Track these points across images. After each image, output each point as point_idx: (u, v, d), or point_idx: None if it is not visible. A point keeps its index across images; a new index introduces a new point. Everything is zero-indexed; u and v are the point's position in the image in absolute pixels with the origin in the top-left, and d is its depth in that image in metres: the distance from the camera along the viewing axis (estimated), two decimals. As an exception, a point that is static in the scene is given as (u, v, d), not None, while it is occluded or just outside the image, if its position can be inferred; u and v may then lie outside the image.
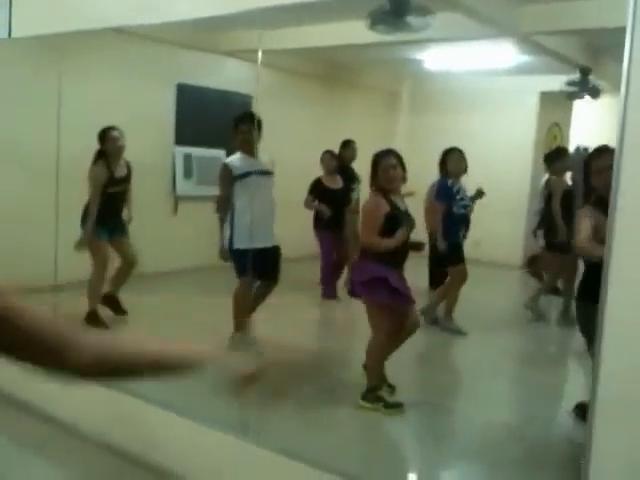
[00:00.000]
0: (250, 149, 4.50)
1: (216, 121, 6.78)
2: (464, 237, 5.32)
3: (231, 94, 7.43)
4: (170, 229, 6.69)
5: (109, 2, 3.41)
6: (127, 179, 5.12)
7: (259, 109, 7.57)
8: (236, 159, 4.55)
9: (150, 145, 6.47)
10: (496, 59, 6.98)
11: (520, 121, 8.06)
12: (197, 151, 7.20)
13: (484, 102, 7.93)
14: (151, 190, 6.36)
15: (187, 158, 7.17)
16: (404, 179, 3.67)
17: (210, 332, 4.60)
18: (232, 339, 4.42)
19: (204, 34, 6.90)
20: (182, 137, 7.13)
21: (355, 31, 5.72)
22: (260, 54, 4.16)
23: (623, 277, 2.08)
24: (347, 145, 6.57)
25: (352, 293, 3.76)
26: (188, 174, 7.27)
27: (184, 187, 7.17)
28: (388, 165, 3.60)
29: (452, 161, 5.25)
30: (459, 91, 8.03)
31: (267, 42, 6.82)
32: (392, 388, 3.85)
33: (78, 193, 4.89)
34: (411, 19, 4.21)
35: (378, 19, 4.32)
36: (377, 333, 3.65)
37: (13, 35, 3.86)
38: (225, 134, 5.10)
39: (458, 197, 5.22)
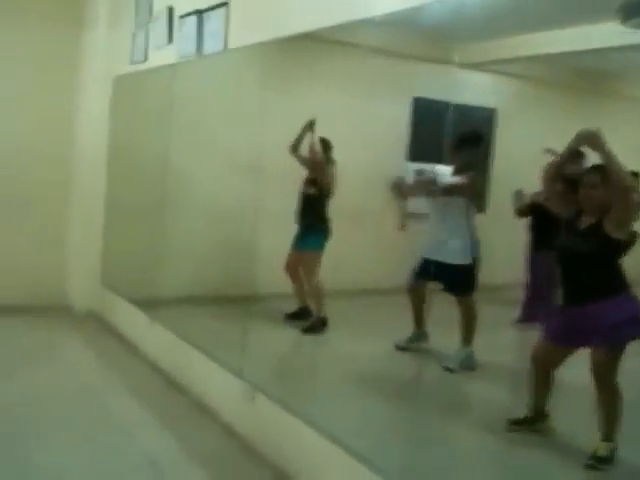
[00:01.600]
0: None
1: (454, 136, 6.52)
2: None
3: (471, 108, 7.12)
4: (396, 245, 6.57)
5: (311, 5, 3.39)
6: None
7: (503, 123, 7.29)
8: None
9: (381, 160, 6.41)
10: None
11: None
12: (430, 167, 6.98)
13: None
14: (377, 205, 6.28)
15: (419, 174, 6.99)
16: None
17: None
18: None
19: (441, 46, 6.71)
20: (416, 153, 6.95)
21: (607, 32, 5.14)
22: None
23: None
24: None
25: None
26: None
27: (412, 204, 7.00)
28: None
29: None
30: None
31: (506, 50, 6.50)
32: None
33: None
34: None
35: (633, 11, 3.70)
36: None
37: (229, 46, 4.04)
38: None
39: None
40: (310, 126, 5.19)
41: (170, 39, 5.02)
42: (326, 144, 5.20)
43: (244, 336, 4.15)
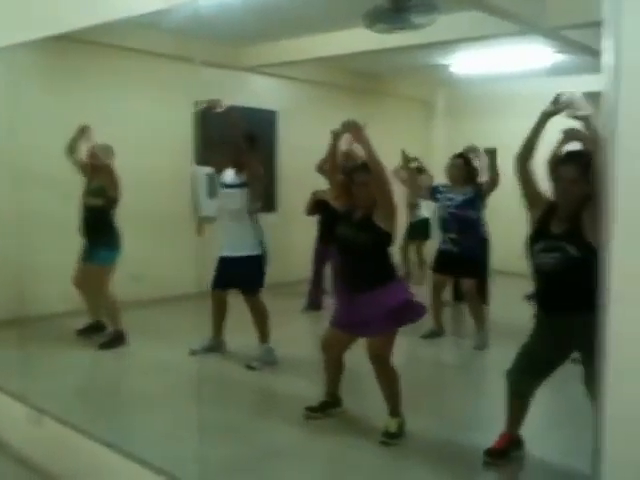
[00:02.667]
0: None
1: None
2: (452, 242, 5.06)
3: (254, 111, 7.23)
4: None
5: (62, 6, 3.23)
6: None
7: (285, 124, 7.49)
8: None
9: (168, 165, 6.29)
10: (531, 60, 6.55)
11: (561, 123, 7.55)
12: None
13: (521, 105, 7.48)
14: (171, 211, 6.15)
15: (210, 178, 6.96)
16: None
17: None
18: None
19: (224, 50, 6.75)
20: (205, 157, 6.90)
21: (372, 37, 5.48)
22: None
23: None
24: None
25: None
26: (212, 194, 7.05)
27: (208, 207, 6.95)
28: None
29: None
30: (494, 96, 7.62)
31: (286, 54, 6.70)
32: None
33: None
34: (412, 16, 3.90)
35: (376, 18, 4.01)
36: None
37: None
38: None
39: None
40: (82, 132, 4.91)
41: None
42: (108, 150, 4.93)
43: (27, 360, 3.87)
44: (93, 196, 4.85)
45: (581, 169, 2.73)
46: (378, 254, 3.40)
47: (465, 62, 6.93)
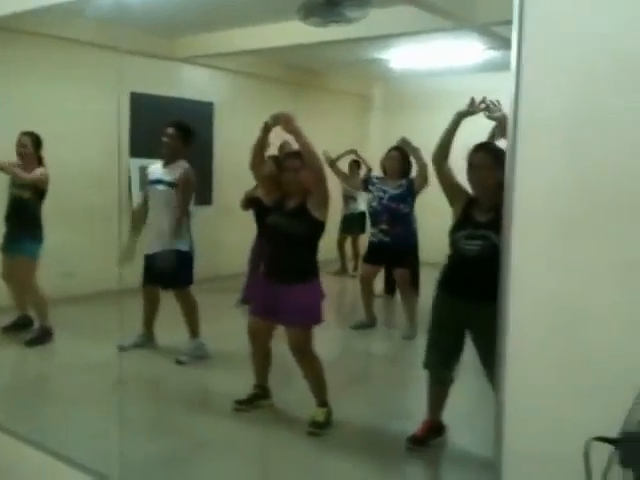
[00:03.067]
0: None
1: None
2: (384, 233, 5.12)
3: (190, 102, 7.15)
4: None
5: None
6: None
7: (221, 116, 7.43)
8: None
9: (96, 157, 6.16)
10: (464, 56, 6.68)
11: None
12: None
13: (454, 101, 7.62)
14: (99, 203, 6.05)
15: (143, 170, 6.85)
16: None
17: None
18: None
19: (157, 40, 6.65)
20: (138, 149, 6.79)
21: (307, 30, 5.48)
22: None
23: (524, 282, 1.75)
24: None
25: None
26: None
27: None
28: None
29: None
30: (429, 91, 7.73)
31: (222, 45, 6.64)
32: None
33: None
34: (346, 9, 3.92)
35: (310, 11, 4.03)
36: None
37: None
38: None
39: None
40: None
41: None
42: (36, 140, 4.78)
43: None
44: (20, 188, 4.70)
45: (493, 157, 2.84)
46: (308, 246, 3.42)
47: (402, 57, 7.01)
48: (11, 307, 4.96)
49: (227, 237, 6.78)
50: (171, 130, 4.52)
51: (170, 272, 4.47)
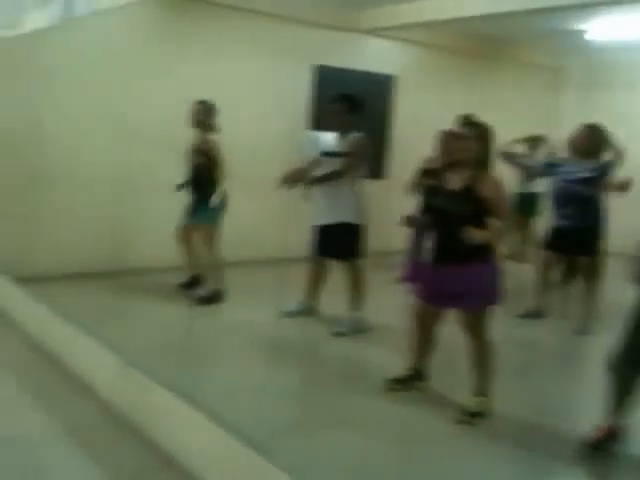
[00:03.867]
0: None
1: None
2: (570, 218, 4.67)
3: (371, 75, 7.07)
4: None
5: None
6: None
7: (401, 89, 7.26)
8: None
9: (278, 128, 6.30)
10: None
11: None
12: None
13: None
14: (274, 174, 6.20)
15: (316, 141, 6.88)
16: None
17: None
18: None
19: (343, 13, 6.62)
20: (319, 121, 6.83)
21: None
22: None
23: None
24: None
25: None
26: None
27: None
28: None
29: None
30: (630, 65, 7.02)
31: (406, 16, 6.45)
32: None
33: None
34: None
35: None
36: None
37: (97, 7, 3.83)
38: (365, 117, 4.74)
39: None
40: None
41: (41, 2, 4.74)
42: (209, 108, 4.90)
43: (121, 310, 4.00)
44: (194, 154, 4.91)
45: None
46: (480, 224, 3.14)
47: (601, 29, 6.42)
48: (183, 267, 5.19)
49: (398, 212, 6.63)
50: (336, 104, 4.47)
51: (338, 244, 4.45)
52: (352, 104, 4.47)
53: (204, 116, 4.85)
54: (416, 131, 6.46)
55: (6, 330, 4.84)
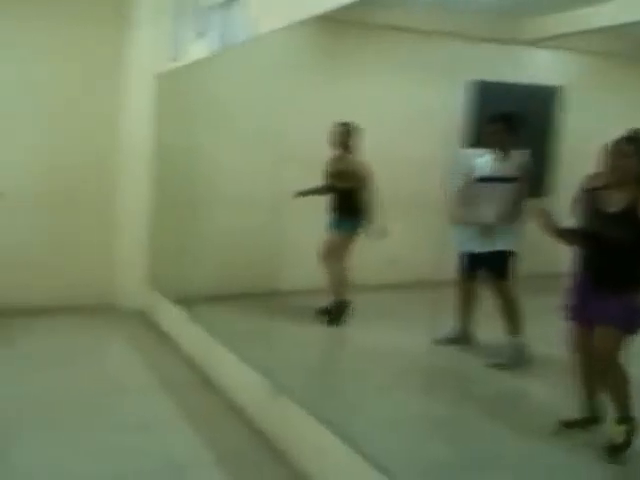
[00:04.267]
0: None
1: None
2: None
3: (533, 87, 6.68)
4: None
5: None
6: None
7: (569, 101, 6.79)
8: None
9: (427, 147, 6.11)
10: None
11: None
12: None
13: None
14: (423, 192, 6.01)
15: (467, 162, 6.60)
16: None
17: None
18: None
19: (497, 24, 6.33)
20: (476, 139, 6.55)
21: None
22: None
23: None
24: None
25: None
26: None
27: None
28: None
29: None
30: None
31: (568, 24, 6.03)
32: None
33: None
34: None
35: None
36: None
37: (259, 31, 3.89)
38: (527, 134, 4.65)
39: None
40: None
41: (203, 32, 4.95)
42: (348, 130, 4.94)
43: (271, 334, 3.99)
44: (338, 178, 4.94)
45: None
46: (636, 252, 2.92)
47: None
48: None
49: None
50: (496, 124, 4.40)
51: (489, 267, 4.27)
52: (512, 123, 4.36)
53: (346, 137, 4.89)
54: (586, 146, 6.01)
55: (168, 349, 5.05)
